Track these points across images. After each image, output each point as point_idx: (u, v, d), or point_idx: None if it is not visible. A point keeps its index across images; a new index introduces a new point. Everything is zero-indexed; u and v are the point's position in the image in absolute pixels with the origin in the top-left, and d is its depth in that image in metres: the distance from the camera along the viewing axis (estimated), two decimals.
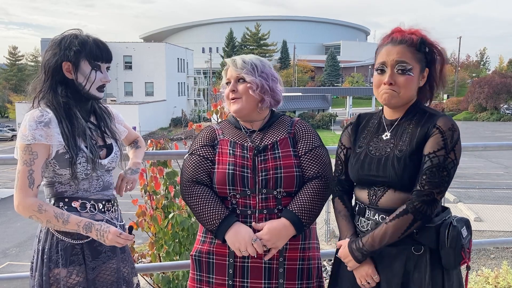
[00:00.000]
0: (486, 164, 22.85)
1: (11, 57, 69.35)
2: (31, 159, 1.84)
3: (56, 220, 1.85)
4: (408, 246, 1.79)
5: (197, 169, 2.03)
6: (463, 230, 1.80)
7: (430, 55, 1.85)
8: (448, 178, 1.74)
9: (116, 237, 1.88)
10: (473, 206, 14.03)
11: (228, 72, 2.11)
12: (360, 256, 1.83)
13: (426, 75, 1.87)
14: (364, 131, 1.99)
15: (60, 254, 1.90)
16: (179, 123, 44.58)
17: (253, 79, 2.03)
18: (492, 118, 48.14)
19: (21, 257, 12.61)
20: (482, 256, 10.47)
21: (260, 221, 1.95)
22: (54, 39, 1.98)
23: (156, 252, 3.99)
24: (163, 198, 3.95)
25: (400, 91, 1.83)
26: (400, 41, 1.83)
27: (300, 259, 2.00)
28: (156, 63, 49.62)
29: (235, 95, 2.06)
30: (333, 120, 43.29)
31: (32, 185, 1.85)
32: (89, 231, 1.88)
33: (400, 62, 1.81)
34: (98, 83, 1.99)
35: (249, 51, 69.44)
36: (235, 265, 1.98)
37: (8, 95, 58.27)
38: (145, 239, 9.55)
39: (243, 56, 2.12)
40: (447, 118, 1.81)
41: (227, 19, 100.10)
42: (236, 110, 2.07)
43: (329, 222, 11.75)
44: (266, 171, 1.97)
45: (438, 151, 1.74)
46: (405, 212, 1.74)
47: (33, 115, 1.87)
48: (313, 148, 2.05)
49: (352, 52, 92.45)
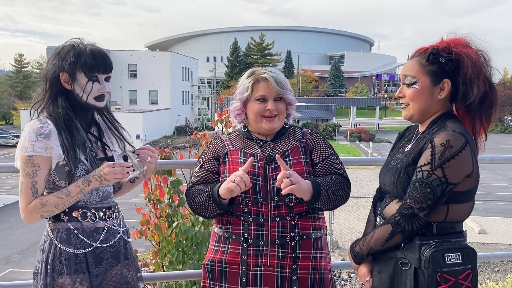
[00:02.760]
0: (490, 176, 22.72)
1: (17, 64, 69.90)
2: (33, 171, 1.85)
3: (61, 199, 1.88)
4: (397, 259, 1.76)
5: (202, 182, 2.11)
6: (451, 255, 1.66)
7: (449, 65, 1.76)
8: (432, 196, 1.66)
9: (112, 168, 1.89)
10: (478, 218, 13.93)
11: (265, 88, 2.07)
12: (353, 257, 1.92)
13: (446, 86, 1.78)
14: (402, 141, 2.00)
15: (64, 263, 1.89)
16: (182, 132, 44.66)
17: (293, 100, 2.13)
18: (496, 130, 48.03)
19: (23, 264, 12.57)
20: (487, 269, 10.36)
21: (273, 229, 1.97)
22: (55, 49, 1.98)
23: (160, 261, 3.97)
24: (167, 207, 3.93)
25: (410, 104, 1.84)
26: (414, 54, 1.84)
27: (312, 268, 2.01)
28: (161, 72, 49.87)
29: (272, 113, 2.08)
30: (337, 130, 43.25)
31: (36, 194, 1.87)
32: (89, 183, 1.90)
33: (406, 75, 1.83)
34: (95, 93, 1.96)
35: (253, 60, 69.69)
36: (248, 274, 1.98)
37: (13, 102, 58.64)
38: (148, 247, 9.53)
39: (272, 71, 2.12)
40: (448, 134, 1.68)
41: (231, 28, 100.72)
42: (271, 128, 2.09)
43: (332, 232, 11.69)
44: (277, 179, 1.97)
45: (424, 165, 1.69)
46: (386, 223, 1.77)
47: (33, 127, 1.87)
48: (329, 156, 2.10)
49: (356, 63, 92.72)
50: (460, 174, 1.68)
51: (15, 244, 14.32)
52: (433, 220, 1.72)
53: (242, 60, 71.07)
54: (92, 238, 1.95)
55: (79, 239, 1.92)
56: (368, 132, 42.75)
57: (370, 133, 42.38)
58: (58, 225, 1.93)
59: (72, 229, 1.93)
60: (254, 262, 1.97)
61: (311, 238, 2.01)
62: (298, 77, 68.69)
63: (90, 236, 1.95)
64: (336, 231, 12.50)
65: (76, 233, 1.93)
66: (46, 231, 1.96)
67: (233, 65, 70.42)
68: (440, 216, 1.73)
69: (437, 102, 1.81)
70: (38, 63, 71.32)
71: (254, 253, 1.97)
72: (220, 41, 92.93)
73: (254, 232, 1.98)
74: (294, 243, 1.97)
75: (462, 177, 1.69)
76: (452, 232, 1.75)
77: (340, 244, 11.93)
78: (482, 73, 1.75)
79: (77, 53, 1.92)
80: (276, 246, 1.96)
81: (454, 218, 1.75)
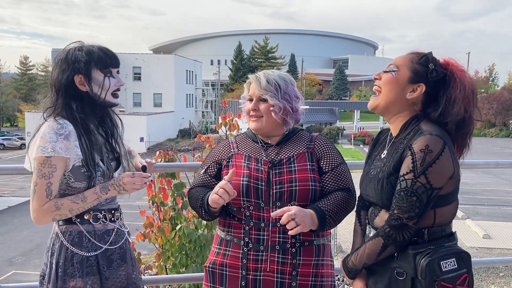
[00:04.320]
0: (494, 181, 22.63)
1: (22, 66, 70.19)
2: (50, 172, 1.82)
3: (76, 204, 1.87)
4: (392, 269, 1.73)
5: (203, 185, 2.14)
6: (447, 262, 1.64)
7: (434, 74, 1.75)
8: (419, 203, 1.64)
9: (131, 178, 1.90)
10: (482, 223, 13.87)
11: (251, 88, 2.08)
12: (347, 273, 1.86)
13: (419, 90, 1.77)
14: (378, 147, 1.97)
15: (76, 266, 1.89)
16: (186, 135, 44.70)
17: (276, 103, 2.01)
18: (501, 134, 47.88)
19: (27, 266, 12.60)
20: (491, 274, 10.30)
21: (274, 235, 1.96)
22: (58, 56, 1.96)
23: (163, 263, 3.97)
24: (171, 210, 3.94)
25: (382, 90, 1.83)
26: (413, 51, 1.85)
27: (313, 275, 1.98)
28: (165, 75, 49.99)
29: (257, 113, 2.06)
30: (341, 133, 43.21)
31: (50, 196, 1.85)
32: (108, 191, 1.91)
33: (391, 64, 1.84)
34: (113, 88, 1.98)
35: (257, 64, 69.80)
36: (248, 278, 1.98)
37: (18, 104, 58.92)
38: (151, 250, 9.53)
39: (267, 74, 2.08)
40: (426, 138, 1.65)
41: (235, 32, 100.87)
42: (255, 128, 2.08)
43: (336, 236, 11.66)
44: (280, 184, 1.97)
45: (407, 174, 1.65)
46: (377, 235, 1.73)
47: (52, 127, 1.84)
48: (337, 165, 2.06)
49: (360, 66, 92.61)
50: (443, 178, 1.66)
51: (19, 246, 14.36)
52: (423, 226, 1.70)
53: (246, 64, 71.14)
54: (103, 241, 1.96)
55: (91, 242, 1.93)
56: (372, 136, 42.63)
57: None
58: (70, 228, 1.92)
59: (84, 232, 1.92)
60: (254, 267, 1.97)
61: (312, 245, 2.00)
62: (302, 81, 68.64)
63: (101, 239, 1.96)
64: (340, 235, 12.47)
65: (88, 236, 1.93)
66: (55, 234, 1.95)
67: (237, 69, 70.51)
68: (428, 221, 1.70)
69: (404, 101, 1.79)
70: (43, 65, 71.67)
71: (254, 257, 1.97)
72: (224, 45, 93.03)
73: (254, 236, 1.97)
74: (294, 250, 1.96)
75: (445, 180, 1.67)
76: (443, 236, 1.73)
77: (344, 248, 11.90)
78: (466, 99, 1.74)
79: (88, 52, 1.93)
80: (276, 252, 1.94)
81: (442, 221, 1.73)
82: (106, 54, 1.96)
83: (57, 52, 1.85)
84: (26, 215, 18.43)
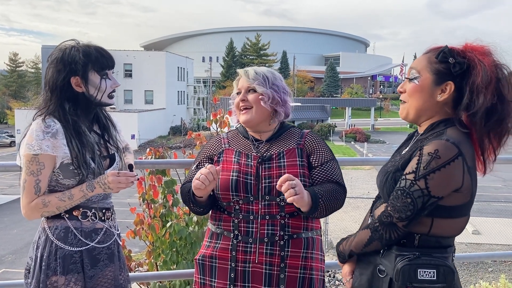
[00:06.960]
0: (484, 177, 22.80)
1: (11, 63, 69.50)
2: (38, 169, 1.85)
3: (63, 201, 1.88)
4: (375, 264, 1.73)
5: None
6: (425, 271, 1.59)
7: (457, 68, 1.63)
8: (412, 207, 1.57)
9: (116, 177, 1.89)
10: (471, 219, 13.77)
11: (240, 82, 2.14)
12: (338, 256, 1.93)
13: (449, 89, 1.65)
14: (406, 143, 1.88)
15: (58, 261, 1.89)
16: (178, 132, 44.58)
17: (264, 90, 2.06)
18: None
19: (17, 264, 12.51)
20: (480, 270, 10.42)
21: (262, 227, 1.98)
22: (54, 55, 1.94)
23: (153, 261, 3.97)
24: (161, 207, 3.93)
25: (408, 100, 1.73)
26: (427, 50, 1.73)
27: (302, 267, 2.00)
28: (156, 72, 49.73)
29: (246, 104, 2.08)
30: (332, 130, 43.31)
31: (39, 192, 1.87)
32: (93, 189, 1.90)
33: (412, 68, 1.72)
34: (109, 90, 1.99)
35: (249, 61, 69.71)
36: (237, 270, 2.00)
37: (7, 101, 58.35)
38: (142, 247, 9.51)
39: (255, 67, 2.15)
40: (439, 143, 1.57)
41: (227, 29, 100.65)
42: (245, 120, 2.09)
43: (327, 233, 11.71)
44: (269, 178, 2.00)
45: (409, 174, 1.60)
46: (367, 227, 1.74)
47: (40, 125, 1.86)
48: (327, 161, 2.08)
49: (351, 64, 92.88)
50: (446, 188, 1.56)
51: (9, 244, 14.25)
52: (416, 231, 1.64)
53: (238, 61, 71.05)
54: (90, 238, 1.95)
55: (77, 238, 1.93)
56: (363, 132, 42.80)
57: (365, 134, 42.43)
58: (57, 222, 1.93)
59: (71, 228, 1.93)
60: (243, 259, 1.99)
61: (301, 238, 2.02)
62: (294, 78, 68.68)
63: (88, 236, 1.95)
64: (331, 232, 12.53)
65: (75, 232, 1.93)
66: (42, 228, 1.95)
67: (228, 66, 70.42)
68: (423, 228, 1.64)
69: (435, 104, 1.68)
70: (33, 62, 71.10)
71: (243, 249, 1.99)
72: (216, 41, 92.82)
73: (244, 229, 2.00)
74: (283, 242, 1.98)
75: (448, 191, 1.57)
76: (436, 247, 1.65)
77: (335, 245, 11.94)
78: (492, 84, 1.59)
79: (85, 53, 1.91)
80: (264, 244, 1.97)
81: (440, 233, 1.65)
82: (103, 56, 1.96)
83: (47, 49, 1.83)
84: (16, 213, 18.20)
